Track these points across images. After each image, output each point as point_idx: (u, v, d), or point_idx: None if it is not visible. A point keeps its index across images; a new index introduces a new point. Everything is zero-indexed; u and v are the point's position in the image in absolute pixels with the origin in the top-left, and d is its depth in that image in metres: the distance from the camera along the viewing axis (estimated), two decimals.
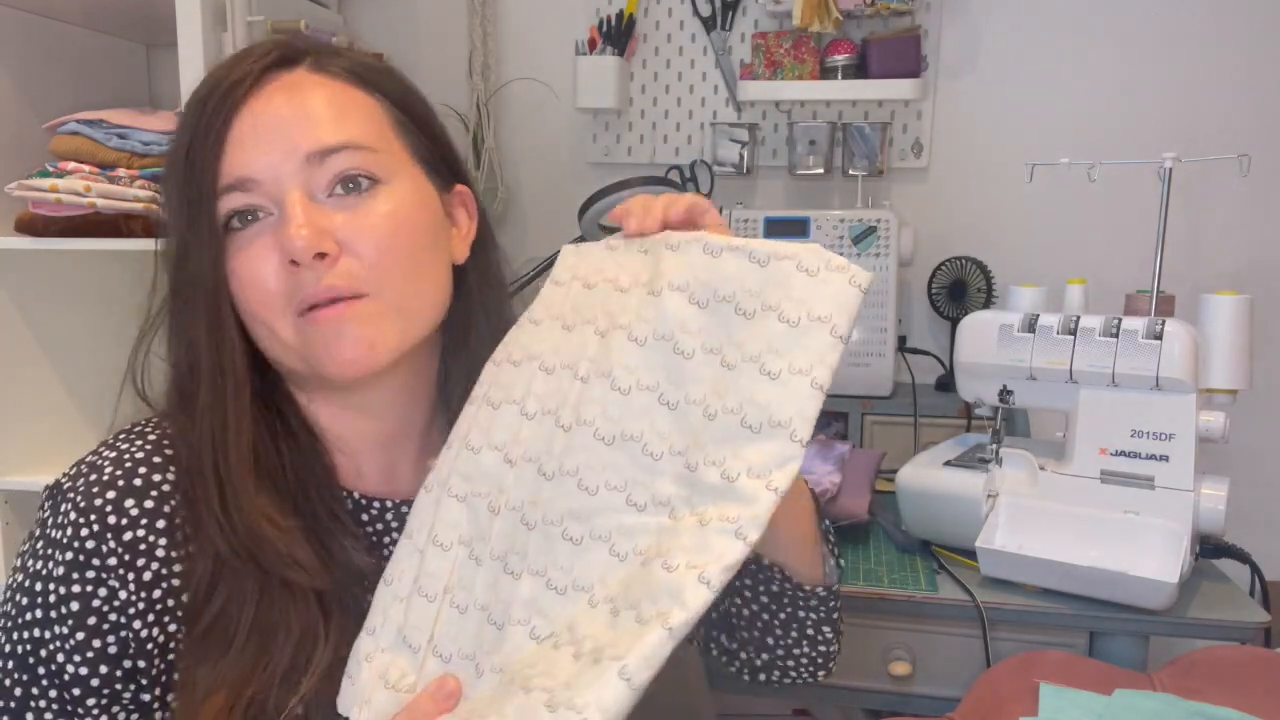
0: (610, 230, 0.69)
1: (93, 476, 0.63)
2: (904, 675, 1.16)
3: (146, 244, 1.45)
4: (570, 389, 0.60)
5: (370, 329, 0.64)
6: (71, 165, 1.44)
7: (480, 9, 1.92)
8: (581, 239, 1.45)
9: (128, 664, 0.63)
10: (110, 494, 0.62)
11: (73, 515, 0.62)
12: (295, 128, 0.63)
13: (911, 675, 1.17)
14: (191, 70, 1.40)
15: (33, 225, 1.47)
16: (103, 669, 0.62)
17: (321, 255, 0.62)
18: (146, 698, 0.64)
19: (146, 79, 1.92)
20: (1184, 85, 1.76)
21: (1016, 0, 1.79)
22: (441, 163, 0.72)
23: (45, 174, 1.44)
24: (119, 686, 0.63)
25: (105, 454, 0.65)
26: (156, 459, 0.65)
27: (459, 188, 0.74)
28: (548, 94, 1.93)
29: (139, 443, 0.66)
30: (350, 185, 0.64)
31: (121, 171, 1.44)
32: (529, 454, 0.60)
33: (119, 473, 0.63)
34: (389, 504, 0.72)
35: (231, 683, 0.61)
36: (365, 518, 0.71)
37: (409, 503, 0.69)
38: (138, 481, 0.63)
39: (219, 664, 0.61)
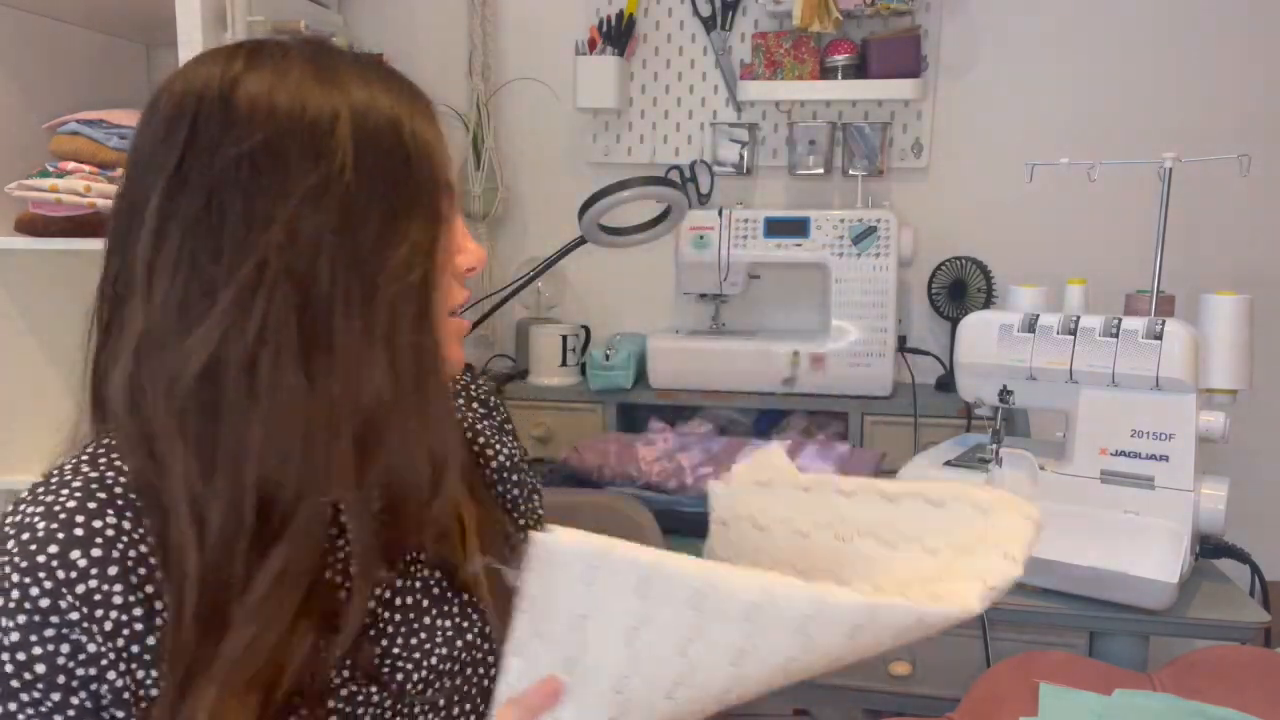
0: (610, 230, 0.72)
1: (25, 535, 0.60)
2: (904, 675, 1.17)
3: None
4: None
5: None
6: (71, 165, 1.44)
7: (480, 9, 1.92)
8: (582, 241, 1.46)
9: (105, 716, 0.61)
10: (52, 548, 0.59)
11: (15, 577, 0.59)
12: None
13: (911, 675, 1.17)
14: None
15: (33, 225, 1.47)
16: None
17: None
18: None
19: (146, 79, 1.92)
20: (1184, 85, 1.76)
21: (1016, 0, 1.79)
22: None
23: (45, 174, 1.44)
24: None
25: (30, 510, 0.62)
26: (91, 504, 0.62)
27: None
28: (548, 94, 1.93)
29: (64, 492, 0.62)
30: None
31: (121, 171, 1.44)
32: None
33: (54, 526, 0.60)
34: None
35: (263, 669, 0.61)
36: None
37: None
38: (78, 531, 0.61)
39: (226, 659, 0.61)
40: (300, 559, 0.63)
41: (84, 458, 0.65)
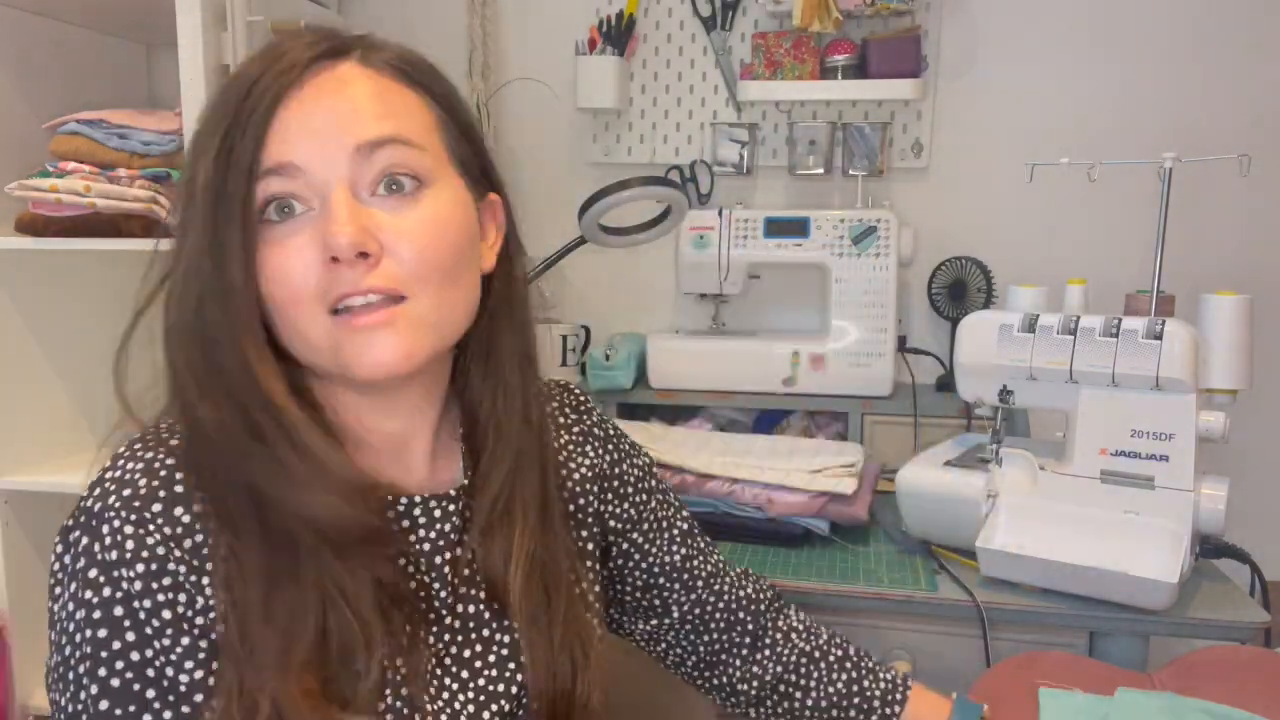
0: (610, 230, 0.71)
1: (126, 492, 0.60)
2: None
3: (146, 244, 1.45)
4: None
5: (407, 339, 0.63)
6: (71, 165, 1.44)
7: (480, 9, 1.92)
8: (582, 241, 1.45)
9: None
10: (156, 506, 0.60)
11: (128, 529, 0.59)
12: (343, 119, 0.62)
13: (911, 675, 1.17)
14: (191, 70, 1.40)
15: (33, 225, 1.47)
16: (214, 665, 0.60)
17: (364, 255, 0.61)
18: None
19: (146, 79, 1.92)
20: (1184, 85, 1.76)
21: (1016, 0, 1.79)
22: (479, 170, 0.72)
23: (45, 174, 1.44)
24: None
25: (130, 467, 0.61)
26: (190, 463, 0.62)
27: (492, 197, 0.74)
28: (548, 94, 1.93)
29: (163, 451, 0.62)
30: (394, 185, 0.63)
31: (121, 171, 1.44)
32: None
33: (155, 483, 0.60)
34: (416, 499, 0.71)
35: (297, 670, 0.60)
36: (391, 514, 0.70)
37: (436, 497, 0.71)
38: (178, 489, 0.61)
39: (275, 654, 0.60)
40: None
41: (173, 416, 0.64)
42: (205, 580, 0.60)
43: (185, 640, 0.59)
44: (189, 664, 0.59)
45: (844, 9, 1.69)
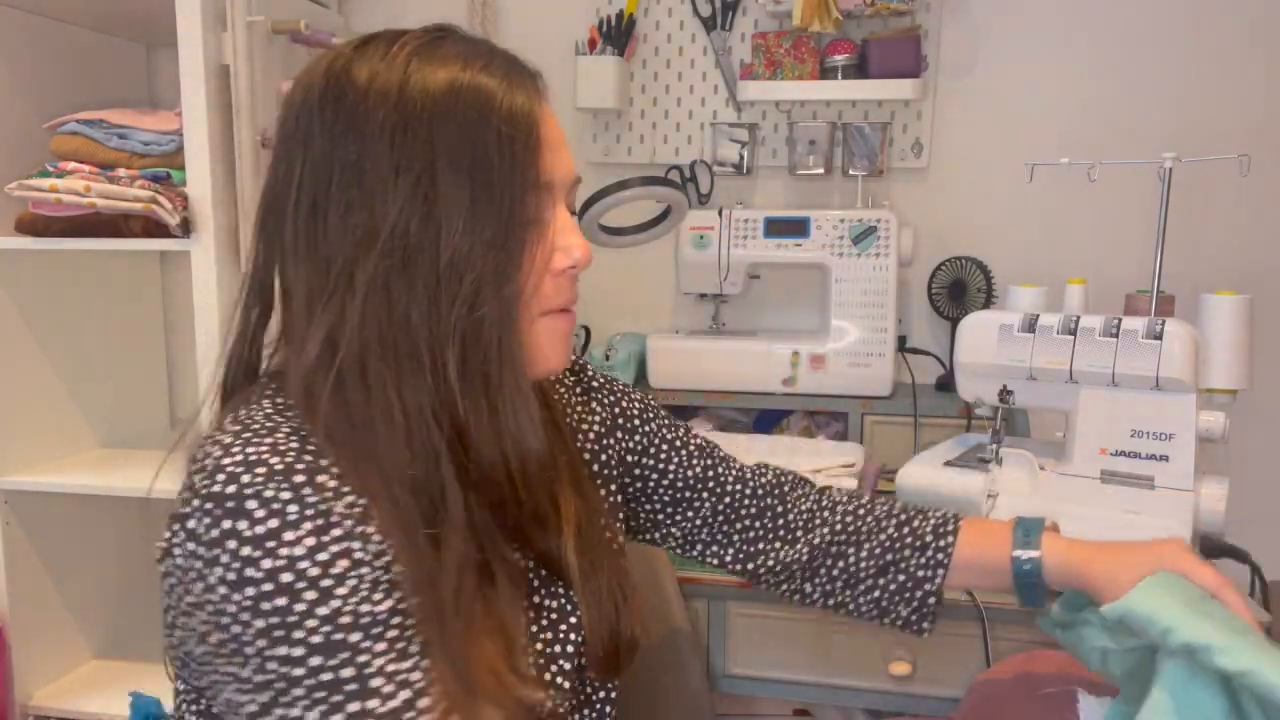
0: (610, 230, 0.74)
1: (262, 469, 0.59)
2: (904, 675, 1.16)
3: (146, 244, 1.47)
4: None
5: None
6: (71, 165, 1.44)
7: (480, 9, 1.92)
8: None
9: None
10: (298, 477, 0.59)
11: (285, 494, 0.58)
12: (567, 151, 0.72)
13: (911, 675, 1.17)
14: (191, 70, 1.40)
15: (33, 225, 1.48)
16: (397, 595, 0.60)
17: None
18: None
19: (146, 79, 1.92)
20: (1184, 85, 1.76)
21: (1016, 0, 1.79)
22: None
23: (45, 174, 1.44)
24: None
25: (253, 450, 0.61)
26: (309, 450, 0.62)
27: None
28: (547, 94, 1.93)
29: (280, 435, 0.62)
30: (571, 214, 0.73)
31: (121, 171, 1.44)
32: None
33: (290, 459, 0.60)
34: None
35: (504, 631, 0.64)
36: None
37: None
38: (309, 458, 0.61)
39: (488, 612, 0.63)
40: (458, 545, 0.64)
41: (266, 408, 0.65)
42: (371, 529, 0.60)
43: (369, 575, 0.59)
44: (378, 595, 0.59)
45: (844, 9, 1.69)
